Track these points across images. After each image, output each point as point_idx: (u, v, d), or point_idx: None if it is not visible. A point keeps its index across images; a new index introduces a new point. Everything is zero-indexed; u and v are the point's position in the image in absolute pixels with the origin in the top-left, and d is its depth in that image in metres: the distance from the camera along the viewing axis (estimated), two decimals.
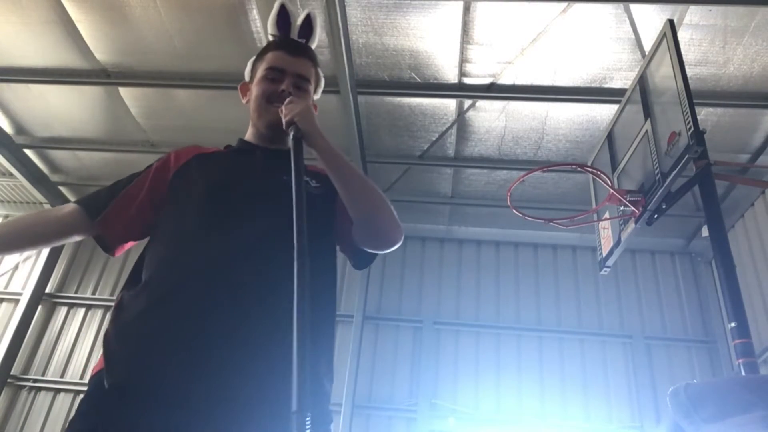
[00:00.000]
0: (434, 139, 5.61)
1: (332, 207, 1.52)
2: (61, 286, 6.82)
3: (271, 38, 1.71)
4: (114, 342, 1.24)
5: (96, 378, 1.22)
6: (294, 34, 1.68)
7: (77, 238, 1.52)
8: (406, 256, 6.73)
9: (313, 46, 1.71)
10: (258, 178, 1.48)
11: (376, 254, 1.55)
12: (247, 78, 1.71)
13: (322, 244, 1.42)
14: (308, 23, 1.69)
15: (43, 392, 6.26)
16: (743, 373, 2.41)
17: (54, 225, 1.48)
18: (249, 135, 1.65)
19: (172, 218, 1.41)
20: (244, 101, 1.70)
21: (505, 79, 4.93)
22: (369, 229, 1.47)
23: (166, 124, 5.69)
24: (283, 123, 1.40)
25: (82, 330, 6.55)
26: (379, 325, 6.33)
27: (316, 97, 1.70)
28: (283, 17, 1.68)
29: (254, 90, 1.62)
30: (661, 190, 3.23)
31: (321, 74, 1.71)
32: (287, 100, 1.45)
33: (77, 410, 1.21)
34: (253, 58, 1.71)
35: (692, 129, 2.94)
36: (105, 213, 1.47)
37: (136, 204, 1.49)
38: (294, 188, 1.20)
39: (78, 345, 6.46)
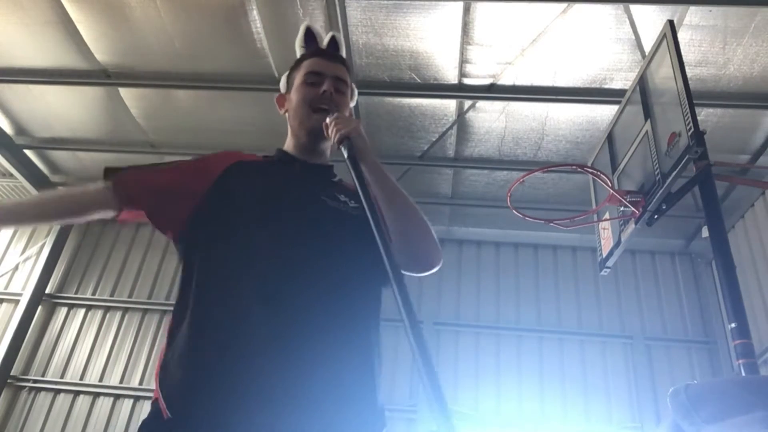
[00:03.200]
0: (434, 139, 5.61)
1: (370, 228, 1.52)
2: (61, 286, 6.81)
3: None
4: (173, 372, 1.23)
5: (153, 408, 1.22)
6: None
7: (98, 213, 1.46)
8: None
9: None
10: (302, 202, 1.45)
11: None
12: (282, 90, 1.69)
13: (363, 267, 1.40)
14: (334, 43, 1.69)
15: (43, 393, 6.25)
16: (743, 374, 2.41)
17: (79, 196, 1.47)
18: (288, 145, 1.62)
19: (221, 242, 1.36)
20: (281, 112, 1.67)
21: (505, 80, 4.93)
22: (408, 251, 1.45)
23: (166, 125, 5.70)
24: (333, 138, 1.38)
25: (82, 330, 6.54)
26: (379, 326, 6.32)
27: (352, 104, 1.69)
28: (310, 37, 1.68)
29: (294, 97, 1.59)
30: (661, 191, 3.22)
31: (354, 86, 1.70)
32: (335, 115, 1.43)
33: None
34: (287, 72, 1.69)
35: (692, 130, 2.94)
36: (128, 175, 1.46)
37: (168, 180, 1.47)
38: (367, 208, 1.21)
39: (78, 345, 6.46)
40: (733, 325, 2.51)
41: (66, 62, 5.11)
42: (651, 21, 4.28)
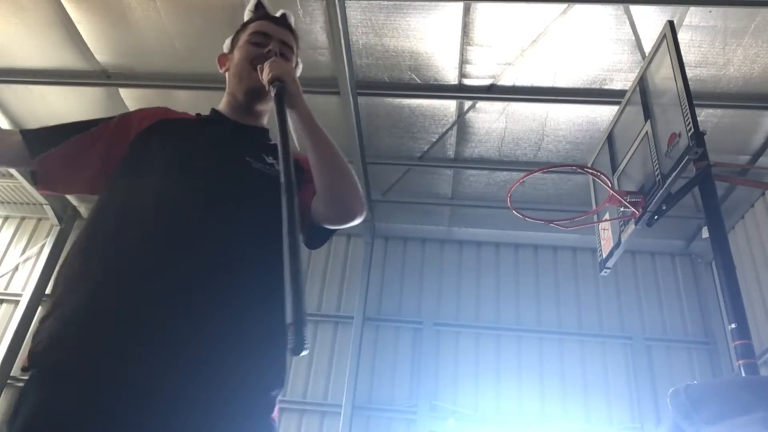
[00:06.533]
0: (434, 140, 5.61)
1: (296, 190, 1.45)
2: None
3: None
4: (51, 321, 1.14)
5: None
6: None
7: (13, 167, 1.46)
8: (406, 258, 6.73)
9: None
10: (221, 160, 1.40)
11: (332, 232, 1.48)
12: (225, 50, 1.67)
13: (275, 234, 1.35)
14: (284, 20, 1.66)
15: None
16: (743, 375, 2.41)
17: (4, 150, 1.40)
18: (223, 104, 1.60)
19: (126, 191, 1.31)
20: (222, 70, 1.64)
21: (505, 81, 4.94)
22: (332, 201, 1.41)
23: None
24: (265, 80, 1.36)
25: None
26: (379, 326, 6.33)
27: (296, 74, 1.65)
28: (259, 9, 1.68)
29: (237, 54, 1.57)
30: (661, 192, 3.23)
31: (300, 61, 1.68)
32: (271, 59, 1.41)
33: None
34: (232, 35, 1.68)
35: (692, 130, 2.94)
36: (48, 154, 1.38)
37: (86, 153, 1.41)
38: (280, 144, 1.17)
39: None
40: (733, 325, 2.52)
41: (66, 63, 5.11)
42: (651, 22, 4.28)
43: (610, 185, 3.82)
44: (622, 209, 3.69)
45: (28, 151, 1.37)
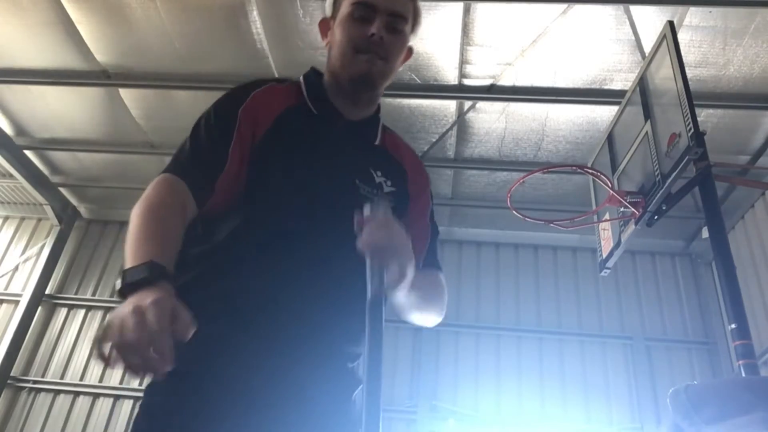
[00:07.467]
0: (434, 140, 5.61)
1: (404, 212, 1.35)
2: (61, 287, 6.81)
3: None
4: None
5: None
6: None
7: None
8: None
9: None
10: (336, 187, 1.30)
11: None
12: (328, 12, 1.41)
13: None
14: None
15: (42, 393, 6.25)
16: (743, 375, 2.41)
17: (184, 219, 1.23)
18: (328, 82, 1.39)
19: (264, 203, 1.24)
20: (324, 43, 1.41)
21: (505, 81, 4.93)
22: (416, 318, 1.39)
23: (166, 126, 5.69)
24: (364, 247, 1.10)
25: (82, 331, 6.54)
26: None
27: (414, 38, 1.43)
28: None
29: (338, 33, 1.33)
30: (661, 192, 3.23)
31: (419, 9, 1.40)
32: (382, 218, 1.10)
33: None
34: None
35: (692, 130, 2.94)
36: (210, 197, 1.25)
37: (237, 171, 1.26)
38: (366, 373, 1.06)
39: (78, 346, 6.46)
40: (733, 326, 2.52)
41: (66, 63, 5.11)
42: (651, 22, 4.28)
43: (610, 185, 3.82)
44: (622, 209, 3.68)
45: (197, 204, 1.23)
